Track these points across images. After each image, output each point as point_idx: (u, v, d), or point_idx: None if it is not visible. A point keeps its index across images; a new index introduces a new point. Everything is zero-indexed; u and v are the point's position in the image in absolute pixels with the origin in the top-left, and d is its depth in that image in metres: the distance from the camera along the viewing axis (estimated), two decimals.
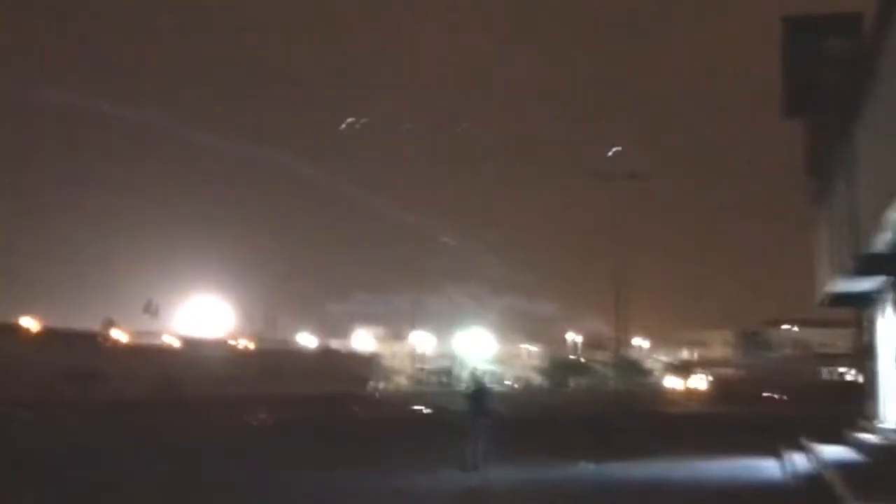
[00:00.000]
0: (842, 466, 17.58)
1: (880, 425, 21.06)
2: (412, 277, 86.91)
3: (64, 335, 48.93)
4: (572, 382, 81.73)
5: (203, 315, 76.74)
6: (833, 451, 20.59)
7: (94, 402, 37.60)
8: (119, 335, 52.36)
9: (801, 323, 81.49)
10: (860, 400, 23.76)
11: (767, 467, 19.96)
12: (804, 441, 23.02)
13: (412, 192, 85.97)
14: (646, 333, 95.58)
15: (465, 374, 78.97)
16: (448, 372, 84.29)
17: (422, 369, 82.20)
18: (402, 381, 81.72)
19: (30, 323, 53.23)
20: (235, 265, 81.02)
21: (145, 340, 57.10)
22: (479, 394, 20.40)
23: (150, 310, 60.42)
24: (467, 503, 15.57)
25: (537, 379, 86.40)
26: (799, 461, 20.12)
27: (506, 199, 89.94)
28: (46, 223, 71.13)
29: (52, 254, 69.30)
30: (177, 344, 55.33)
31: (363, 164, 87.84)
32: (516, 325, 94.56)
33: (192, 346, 55.04)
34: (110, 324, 49.92)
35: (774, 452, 22.05)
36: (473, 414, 19.91)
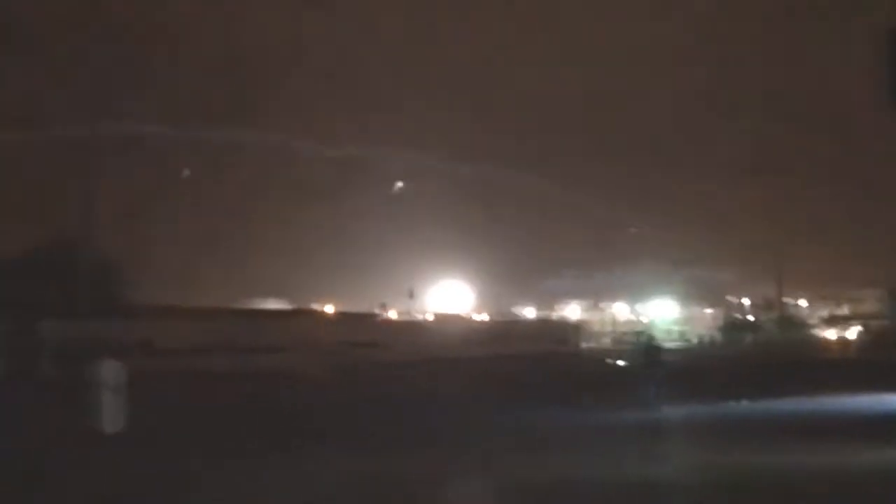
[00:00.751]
0: None
1: None
2: (611, 257, 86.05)
3: (350, 315, 52.53)
4: (744, 338, 78.86)
5: (449, 296, 80.00)
6: None
7: (375, 364, 40.06)
8: (390, 314, 55.96)
9: None
10: None
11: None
12: None
13: (610, 189, 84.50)
14: (807, 293, 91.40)
15: (651, 335, 77.55)
16: (641, 333, 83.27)
17: (621, 332, 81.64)
18: (603, 342, 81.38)
19: (324, 307, 57.78)
20: (473, 255, 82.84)
21: (408, 318, 60.27)
22: (650, 347, 21.00)
23: (411, 294, 63.69)
24: (644, 432, 15.91)
25: (715, 336, 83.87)
26: None
27: (682, 189, 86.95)
28: (334, 228, 75.08)
29: (337, 252, 73.40)
30: (430, 318, 58.18)
31: (564, 166, 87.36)
32: (698, 293, 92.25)
33: (442, 319, 57.56)
34: (383, 306, 53.24)
35: None
36: (646, 363, 20.50)
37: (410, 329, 52.74)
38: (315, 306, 59.90)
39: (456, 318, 61.41)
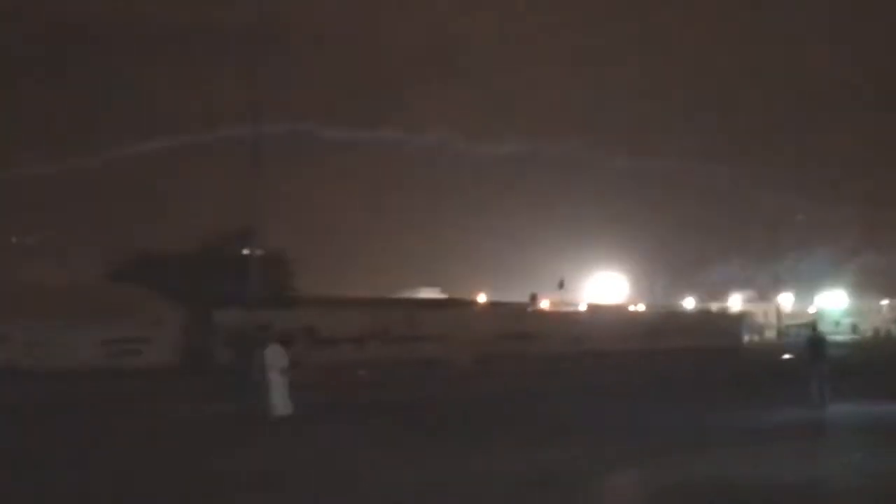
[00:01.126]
0: None
1: None
2: (777, 245, 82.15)
3: (502, 305, 52.98)
4: None
5: (603, 286, 79.14)
6: None
7: (528, 355, 40.36)
8: (542, 304, 55.97)
9: None
10: None
11: None
12: None
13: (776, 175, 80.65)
14: None
15: (816, 328, 73.49)
16: (806, 326, 79.07)
17: (787, 325, 77.83)
18: (767, 335, 77.94)
19: (480, 297, 58.62)
20: (630, 245, 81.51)
21: (561, 308, 59.95)
22: (817, 343, 20.11)
23: (561, 285, 63.54)
24: (808, 431, 15.38)
25: (891, 329, 78.42)
26: None
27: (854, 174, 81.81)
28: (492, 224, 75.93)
29: (496, 246, 74.22)
30: (584, 309, 57.65)
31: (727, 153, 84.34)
32: (872, 282, 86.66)
33: (595, 310, 56.90)
34: (535, 297, 53.34)
35: None
36: (813, 359, 19.64)
37: (563, 320, 52.52)
38: (468, 296, 60.89)
39: (610, 309, 60.52)
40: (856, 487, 9.67)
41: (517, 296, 59.59)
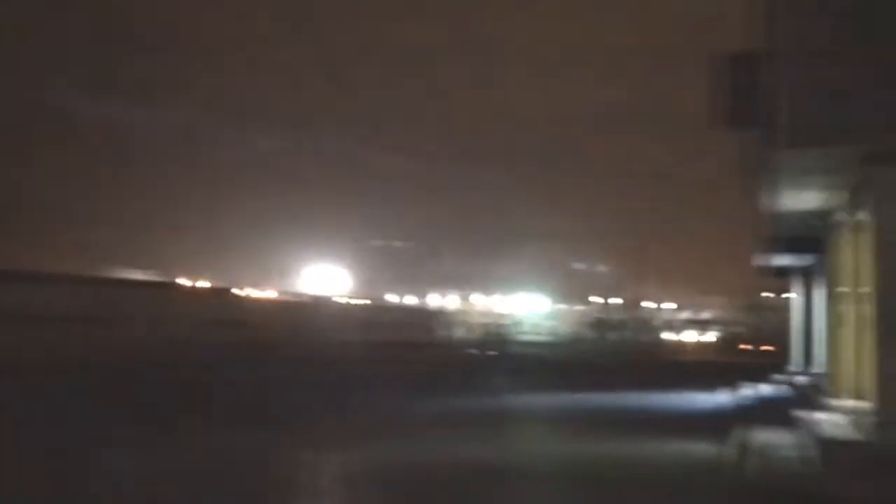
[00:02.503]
0: (765, 397, 18.65)
1: (802, 368, 21.97)
2: (492, 249, 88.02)
3: (217, 291, 51.76)
4: (611, 336, 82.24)
5: (324, 278, 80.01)
6: (770, 387, 21.51)
7: (237, 344, 39.74)
8: (257, 293, 55.42)
9: (778, 290, 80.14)
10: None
11: (722, 397, 20.89)
12: (756, 379, 23.89)
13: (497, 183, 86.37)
14: (674, 298, 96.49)
15: (521, 328, 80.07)
16: (512, 325, 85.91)
17: (492, 324, 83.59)
18: (474, 332, 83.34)
19: (187, 281, 56.78)
20: (354, 240, 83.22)
21: (279, 298, 59.73)
22: (502, 340, 21.83)
23: (281, 274, 63.42)
24: (489, 417, 16.46)
25: (584, 333, 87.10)
26: (745, 393, 21.05)
27: (556, 197, 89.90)
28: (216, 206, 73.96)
29: (216, 229, 72.32)
30: (301, 300, 57.96)
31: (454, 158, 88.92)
32: (571, 289, 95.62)
33: (313, 302, 57.44)
34: (252, 285, 52.64)
35: (733, 387, 23.03)
36: (498, 355, 21.31)
37: (277, 309, 52.44)
38: (185, 281, 58.82)
39: (328, 302, 61.32)
40: (536, 468, 10.57)
41: (247, 283, 58.86)
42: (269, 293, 63.62)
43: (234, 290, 55.23)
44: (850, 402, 11.85)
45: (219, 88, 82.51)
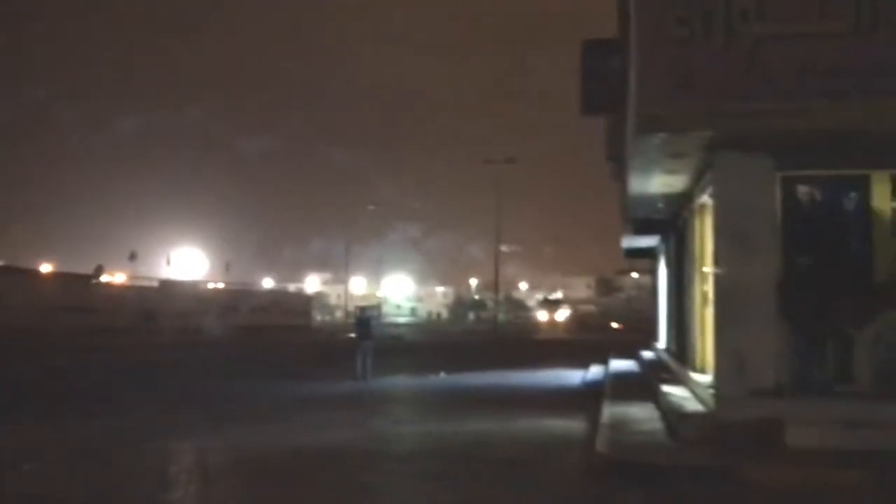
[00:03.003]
0: (617, 374, 19.35)
1: (657, 345, 22.95)
2: (353, 232, 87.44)
3: (67, 276, 48.89)
4: (471, 316, 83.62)
5: (188, 262, 77.14)
6: (623, 364, 22.37)
7: (84, 329, 37.91)
8: (109, 278, 52.73)
9: (642, 271, 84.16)
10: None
11: (575, 375, 21.53)
12: (609, 357, 24.79)
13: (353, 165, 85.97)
14: (528, 278, 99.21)
15: (364, 310, 79.95)
16: (376, 308, 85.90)
17: (356, 307, 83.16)
18: (339, 315, 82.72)
19: (40, 266, 53.38)
20: (210, 221, 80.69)
21: (131, 283, 57.03)
22: (364, 322, 21.56)
23: (133, 257, 60.64)
24: (349, 401, 16.19)
25: (444, 313, 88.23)
26: (596, 371, 21.77)
27: (426, 179, 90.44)
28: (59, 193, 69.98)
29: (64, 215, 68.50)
30: (155, 285, 55.62)
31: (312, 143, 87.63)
32: (433, 272, 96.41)
33: (168, 286, 55.25)
34: (100, 268, 50.11)
35: (585, 365, 23.80)
36: (360, 337, 20.99)
37: (132, 294, 50.22)
38: (32, 266, 55.26)
39: (184, 286, 59.14)
40: (395, 449, 10.47)
41: (85, 268, 55.73)
42: (127, 278, 60.75)
43: (91, 276, 52.34)
44: (697, 377, 12.42)
45: (69, 69, 78.01)
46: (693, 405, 11.04)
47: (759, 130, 9.01)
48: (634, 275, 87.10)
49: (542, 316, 78.35)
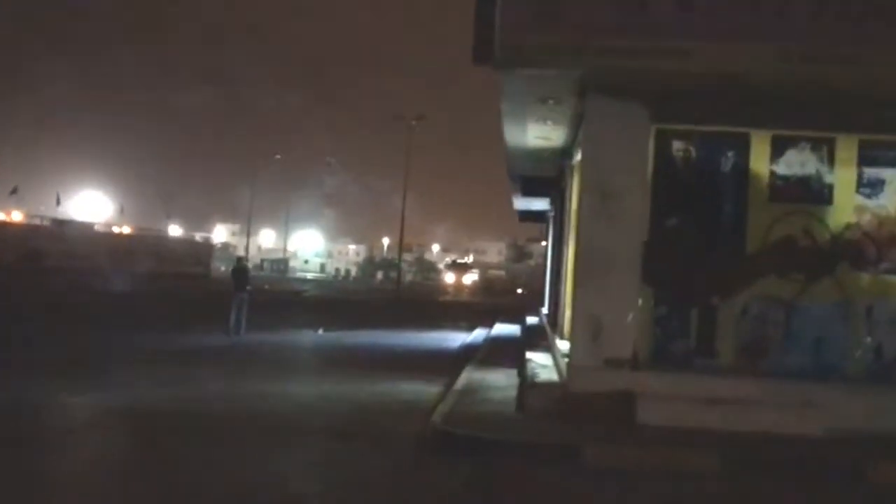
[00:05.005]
0: (497, 338, 18.61)
1: (543, 311, 22.24)
2: (266, 184, 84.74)
3: None
4: (379, 275, 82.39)
5: (88, 204, 73.52)
6: (508, 328, 21.67)
7: None
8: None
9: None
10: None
11: (461, 338, 20.68)
12: (498, 321, 24.08)
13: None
14: (441, 241, 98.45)
15: (243, 260, 78.53)
16: (285, 262, 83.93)
17: (263, 260, 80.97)
18: (245, 266, 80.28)
19: None
20: (120, 166, 76.95)
21: (26, 222, 53.75)
22: (240, 273, 20.14)
23: (14, 191, 57.14)
24: (205, 356, 14.93)
25: (352, 271, 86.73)
26: (479, 335, 21.00)
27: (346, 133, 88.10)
28: None
29: None
30: (47, 224, 52.52)
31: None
32: (345, 229, 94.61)
33: (62, 226, 52.22)
34: None
35: (472, 328, 23.00)
36: (236, 289, 19.60)
37: (15, 231, 47.26)
38: None
39: (80, 227, 56.06)
40: (213, 410, 9.30)
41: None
42: (16, 216, 57.21)
43: None
44: (561, 344, 11.55)
45: None
46: (550, 374, 10.15)
47: (632, 73, 7.98)
48: (545, 243, 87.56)
49: (449, 279, 77.63)
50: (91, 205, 74.70)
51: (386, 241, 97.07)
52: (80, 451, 7.22)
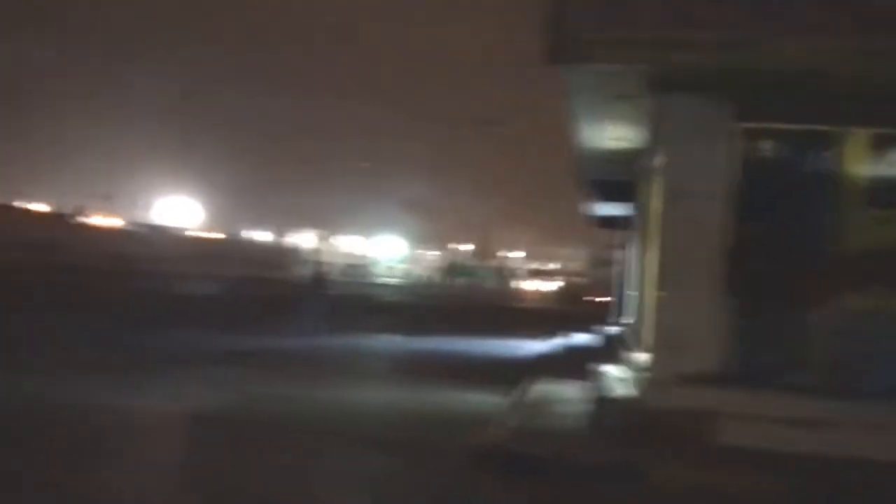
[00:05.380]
0: (574, 347, 18.08)
1: (624, 320, 21.52)
2: (349, 189, 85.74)
3: (41, 215, 47.61)
4: (458, 281, 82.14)
5: (177, 210, 75.79)
6: (586, 337, 21.06)
7: (54, 269, 36.54)
8: (89, 219, 51.42)
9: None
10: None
11: (536, 346, 20.19)
12: (576, 329, 23.49)
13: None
14: (524, 247, 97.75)
15: (375, 270, 79.08)
16: (366, 267, 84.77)
17: (345, 264, 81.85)
18: (327, 271, 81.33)
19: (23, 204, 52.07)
20: (210, 173, 78.93)
21: (124, 227, 55.74)
22: (316, 279, 20.29)
23: (108, 197, 59.37)
24: (289, 358, 14.97)
25: (433, 277, 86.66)
26: (556, 343, 20.50)
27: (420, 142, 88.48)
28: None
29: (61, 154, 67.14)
30: (139, 229, 54.36)
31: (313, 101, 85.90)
32: (426, 235, 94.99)
33: (154, 230, 54.03)
34: (79, 208, 48.76)
35: (549, 336, 22.47)
36: (312, 293, 19.78)
37: (108, 235, 48.99)
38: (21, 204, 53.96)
39: (171, 231, 57.87)
40: (262, 415, 9.14)
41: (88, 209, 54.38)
42: (115, 221, 59.41)
43: (77, 216, 50.93)
44: (641, 356, 10.97)
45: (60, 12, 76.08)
46: (627, 389, 9.59)
47: (711, 68, 7.42)
48: (623, 249, 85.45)
49: (530, 285, 76.74)
50: (181, 210, 77.03)
51: (467, 247, 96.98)
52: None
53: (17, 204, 51.72)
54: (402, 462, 7.20)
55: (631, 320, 17.27)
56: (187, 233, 63.80)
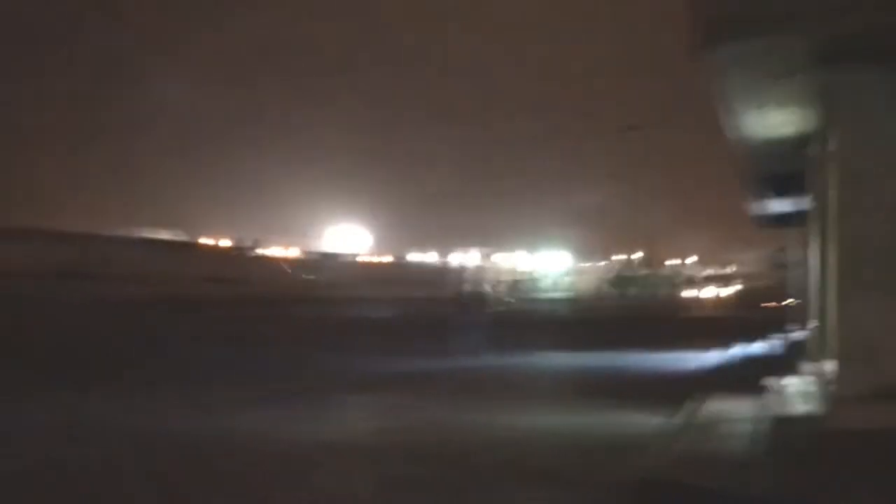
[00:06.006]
0: (751, 357, 16.67)
1: (808, 326, 19.68)
2: (512, 205, 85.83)
3: (231, 250, 50.46)
4: (630, 291, 79.75)
5: (346, 237, 78.57)
6: (765, 345, 19.49)
7: (237, 297, 38.54)
8: (266, 251, 54.13)
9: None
10: None
11: (708, 357, 18.89)
12: (755, 338, 21.83)
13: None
14: (698, 252, 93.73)
15: (541, 285, 78.22)
16: (532, 282, 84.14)
17: (514, 280, 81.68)
18: (496, 289, 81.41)
19: (208, 240, 55.60)
20: (377, 199, 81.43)
21: (301, 257, 58.23)
22: (476, 298, 20.05)
23: (299, 233, 61.97)
24: (447, 379, 14.86)
25: (602, 288, 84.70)
26: (733, 352, 19.07)
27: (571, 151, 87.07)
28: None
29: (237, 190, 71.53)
30: (314, 258, 56.58)
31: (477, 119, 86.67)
32: (592, 246, 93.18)
33: (326, 258, 56.01)
34: (255, 242, 51.35)
35: (725, 346, 21.00)
36: (471, 313, 19.56)
37: (283, 265, 51.23)
38: (208, 240, 57.68)
39: (343, 258, 59.81)
40: (394, 441, 8.81)
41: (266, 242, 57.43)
42: (292, 252, 62.21)
43: (255, 249, 53.77)
44: (825, 365, 9.73)
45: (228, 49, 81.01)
46: (809, 404, 8.45)
47: (887, 33, 6.33)
48: (800, 248, 79.53)
49: (705, 292, 73.25)
50: (350, 236, 79.67)
51: (636, 255, 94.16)
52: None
53: (202, 240, 55.30)
54: (549, 494, 6.56)
55: (813, 325, 15.70)
56: (357, 259, 65.73)
